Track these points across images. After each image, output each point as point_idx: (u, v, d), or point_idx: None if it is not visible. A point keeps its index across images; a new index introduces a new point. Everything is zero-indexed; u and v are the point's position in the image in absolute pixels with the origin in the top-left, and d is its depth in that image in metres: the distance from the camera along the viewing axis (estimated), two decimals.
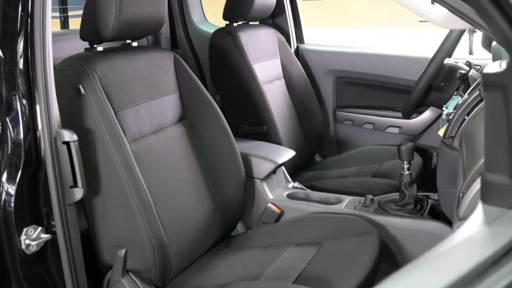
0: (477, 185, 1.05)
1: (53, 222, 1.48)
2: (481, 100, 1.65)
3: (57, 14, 3.52)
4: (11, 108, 1.43)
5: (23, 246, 1.43)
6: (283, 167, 2.46)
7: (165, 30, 3.43)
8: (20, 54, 1.42)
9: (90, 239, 1.70)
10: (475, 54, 2.42)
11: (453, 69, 2.44)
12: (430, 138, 2.93)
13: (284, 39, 3.10)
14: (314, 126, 3.06)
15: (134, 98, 1.84)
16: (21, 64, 1.42)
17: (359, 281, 1.67)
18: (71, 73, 1.66)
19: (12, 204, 1.42)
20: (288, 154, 2.45)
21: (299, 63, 3.11)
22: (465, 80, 2.37)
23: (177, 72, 2.05)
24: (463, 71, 2.38)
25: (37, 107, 1.44)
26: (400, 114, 2.87)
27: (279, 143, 2.67)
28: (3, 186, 1.43)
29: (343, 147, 3.28)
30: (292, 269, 1.78)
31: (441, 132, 1.84)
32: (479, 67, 2.47)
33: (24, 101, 1.43)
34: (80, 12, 1.80)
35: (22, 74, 1.42)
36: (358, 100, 3.23)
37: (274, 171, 2.37)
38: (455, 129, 1.70)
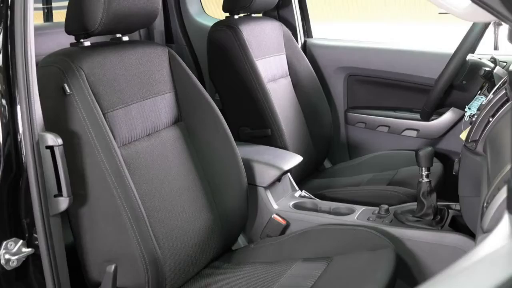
0: (503, 194, 1.05)
1: (35, 235, 1.48)
2: (507, 100, 1.65)
3: (40, 5, 3.53)
4: None
5: (2, 261, 1.43)
6: (289, 174, 2.46)
7: (159, 23, 3.44)
8: None
9: (76, 254, 1.70)
10: (501, 49, 2.41)
11: (477, 66, 2.44)
12: (451, 142, 2.93)
13: (290, 33, 3.11)
14: (323, 129, 3.06)
15: (124, 98, 1.84)
16: (0, 61, 1.42)
17: None
18: (55, 71, 1.67)
19: None
20: (294, 160, 2.45)
21: (306, 59, 3.12)
22: (489, 78, 2.37)
23: (172, 69, 2.05)
24: (487, 68, 2.37)
25: (18, 108, 1.44)
26: (418, 116, 2.87)
27: (284, 147, 2.67)
28: None
29: (355, 152, 3.28)
30: (299, 287, 1.78)
31: (463, 136, 1.84)
32: (505, 63, 2.47)
33: (4, 102, 1.43)
34: (65, 3, 1.80)
35: (1, 72, 1.42)
36: (372, 100, 3.23)
37: (279, 179, 2.37)
38: (479, 132, 1.70)
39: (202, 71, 3.43)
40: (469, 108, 2.14)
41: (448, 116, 2.91)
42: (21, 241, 1.46)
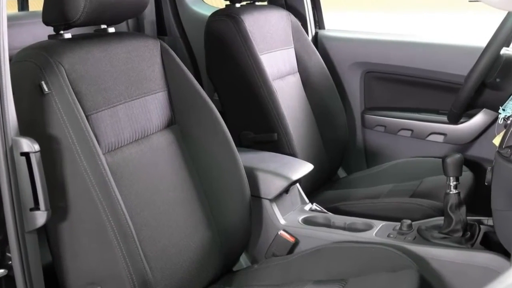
0: None
1: (8, 254, 1.48)
2: None
3: None
4: None
5: None
6: (298, 184, 2.46)
7: (150, 12, 3.45)
8: None
9: (55, 275, 1.70)
10: None
11: None
12: (483, 148, 2.93)
13: (299, 23, 3.11)
14: (337, 133, 3.06)
15: (110, 98, 1.84)
16: None
17: None
18: (31, 66, 1.67)
19: None
20: (304, 168, 2.45)
21: (318, 53, 3.12)
22: None
23: (164, 65, 2.05)
24: None
25: None
26: (445, 118, 2.87)
27: (293, 154, 2.67)
28: None
29: (373, 160, 3.28)
30: None
31: (496, 141, 1.84)
32: None
33: None
34: None
35: None
36: (392, 100, 3.23)
37: (286, 190, 2.37)
38: None
39: (199, 67, 3.44)
40: (504, 110, 2.14)
41: (479, 119, 2.91)
42: None
